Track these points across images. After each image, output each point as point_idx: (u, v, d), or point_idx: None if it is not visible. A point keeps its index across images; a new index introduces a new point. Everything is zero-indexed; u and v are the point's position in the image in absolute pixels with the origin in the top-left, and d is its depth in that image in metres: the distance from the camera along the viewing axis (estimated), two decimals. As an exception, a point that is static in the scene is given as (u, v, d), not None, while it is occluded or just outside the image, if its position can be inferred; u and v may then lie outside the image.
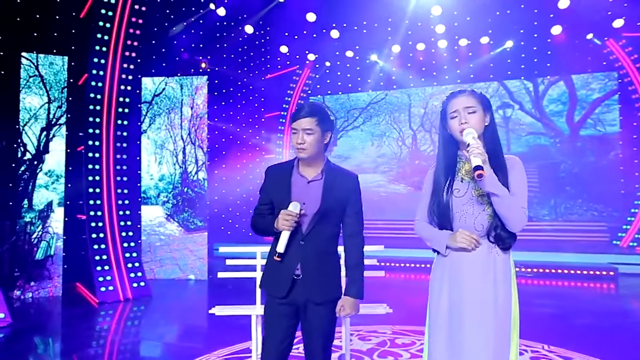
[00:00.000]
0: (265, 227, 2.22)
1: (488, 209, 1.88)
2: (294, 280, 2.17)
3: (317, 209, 2.17)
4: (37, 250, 5.83)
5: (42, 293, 5.84)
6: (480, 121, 1.93)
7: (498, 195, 1.81)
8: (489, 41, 9.86)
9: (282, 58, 10.69)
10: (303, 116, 2.14)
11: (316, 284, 2.16)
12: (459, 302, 1.86)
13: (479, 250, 1.87)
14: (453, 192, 1.93)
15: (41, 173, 5.91)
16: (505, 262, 1.89)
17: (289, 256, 2.17)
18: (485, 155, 1.79)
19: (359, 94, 11.00)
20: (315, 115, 2.15)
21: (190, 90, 7.23)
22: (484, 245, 1.88)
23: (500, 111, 9.72)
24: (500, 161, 1.92)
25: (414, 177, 10.13)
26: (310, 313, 2.18)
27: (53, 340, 4.54)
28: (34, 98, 5.89)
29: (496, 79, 9.90)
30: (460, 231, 1.88)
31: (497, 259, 1.87)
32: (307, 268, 2.16)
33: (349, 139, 10.84)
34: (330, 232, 2.22)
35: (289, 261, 2.17)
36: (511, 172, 1.91)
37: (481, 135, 1.95)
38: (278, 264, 2.21)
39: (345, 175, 2.28)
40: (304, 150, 2.15)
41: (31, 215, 5.82)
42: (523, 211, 1.85)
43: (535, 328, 4.61)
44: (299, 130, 2.14)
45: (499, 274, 1.86)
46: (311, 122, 2.14)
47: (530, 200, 9.29)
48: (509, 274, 1.88)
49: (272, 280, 2.22)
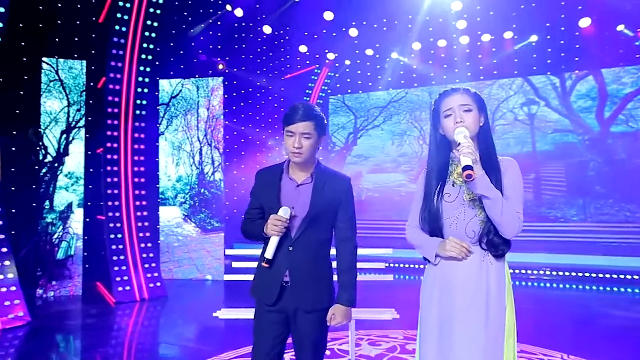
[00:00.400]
0: (255, 231, 2.16)
1: (480, 214, 1.77)
2: (283, 287, 2.11)
3: (305, 214, 2.11)
4: (58, 250, 5.98)
5: (63, 292, 5.99)
6: (475, 121, 1.82)
7: (489, 198, 1.70)
8: (513, 36, 9.54)
9: (302, 58, 10.66)
10: (301, 119, 2.06)
11: (306, 291, 2.10)
12: (449, 314, 1.76)
13: (471, 259, 1.77)
14: (444, 197, 1.83)
15: (61, 175, 6.06)
16: (499, 271, 1.77)
17: (277, 262, 2.11)
18: (476, 155, 1.68)
19: (379, 92, 10.85)
20: (313, 119, 2.08)
21: (206, 91, 7.28)
22: (475, 253, 1.77)
23: (525, 108, 9.39)
24: (493, 163, 1.81)
25: (436, 176, 9.90)
26: (300, 321, 2.11)
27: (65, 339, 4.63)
28: (54, 102, 6.05)
29: (520, 75, 9.56)
30: (450, 239, 1.78)
31: (489, 268, 1.76)
32: (296, 275, 2.10)
33: (369, 138, 10.71)
34: (320, 237, 2.14)
35: (277, 267, 2.11)
36: (505, 175, 1.80)
37: (475, 136, 1.84)
38: (267, 270, 2.15)
39: (336, 179, 2.20)
40: (300, 155, 2.07)
41: (52, 216, 5.98)
42: (517, 216, 1.73)
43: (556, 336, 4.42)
44: (295, 134, 2.06)
45: (492, 283, 1.75)
46: (309, 126, 2.06)
47: (557, 200, 8.95)
48: (503, 283, 1.77)
49: (261, 287, 2.17)
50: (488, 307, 1.72)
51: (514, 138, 9.34)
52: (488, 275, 1.75)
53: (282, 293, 2.11)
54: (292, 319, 2.13)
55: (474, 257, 1.76)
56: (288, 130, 2.07)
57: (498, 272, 1.77)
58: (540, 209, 8.99)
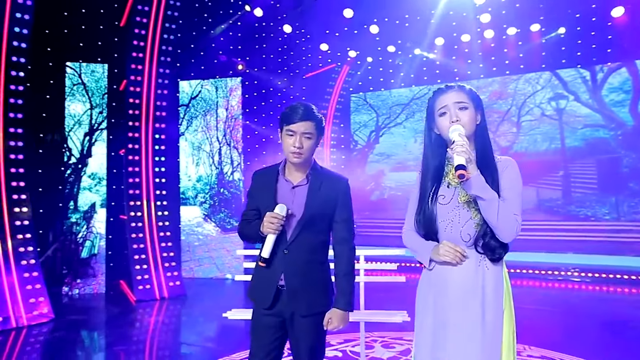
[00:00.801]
0: (251, 232, 2.13)
1: (475, 216, 1.68)
2: (279, 291, 2.08)
3: (301, 216, 2.07)
4: (82, 250, 6.16)
5: (87, 290, 6.17)
6: (471, 119, 1.74)
7: (484, 199, 1.61)
8: (540, 28, 9.22)
9: (324, 56, 10.61)
10: (302, 119, 2.02)
11: (302, 295, 2.06)
12: (443, 321, 1.69)
13: (466, 264, 1.68)
14: (438, 199, 1.76)
15: (85, 176, 6.23)
16: (496, 276, 1.68)
17: (273, 265, 2.08)
18: (470, 154, 1.60)
19: (401, 89, 10.69)
20: (314, 119, 2.04)
21: (225, 92, 7.34)
22: (471, 258, 1.69)
23: (553, 103, 9.05)
24: (490, 163, 1.72)
25: (460, 174, 9.68)
26: (296, 325, 2.08)
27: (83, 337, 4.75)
28: (77, 105, 6.22)
29: (548, 69, 9.22)
30: (444, 243, 1.70)
31: (486, 273, 1.68)
32: (291, 278, 2.06)
33: (391, 136, 10.57)
34: (316, 240, 2.10)
35: (272, 271, 2.08)
36: (503, 175, 1.71)
37: (472, 135, 1.76)
38: (263, 273, 2.13)
39: (332, 180, 2.15)
40: (300, 155, 2.03)
41: (76, 216, 6.16)
42: (514, 218, 1.64)
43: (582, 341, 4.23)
44: (296, 134, 2.01)
45: (489, 289, 1.66)
46: (311, 126, 2.03)
47: (588, 198, 8.59)
48: (501, 289, 1.68)
49: (257, 290, 2.15)
50: (484, 314, 1.64)
51: (542, 134, 9.03)
52: (484, 281, 1.66)
53: (278, 297, 2.08)
54: (289, 323, 2.09)
55: (469, 262, 1.68)
56: (288, 130, 2.03)
57: (495, 276, 1.68)
58: (569, 207, 8.66)
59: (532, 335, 4.27)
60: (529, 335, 4.28)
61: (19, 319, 4.77)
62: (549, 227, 8.65)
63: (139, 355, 4.12)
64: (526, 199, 8.98)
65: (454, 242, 1.70)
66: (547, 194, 8.84)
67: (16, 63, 5.50)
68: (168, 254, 6.35)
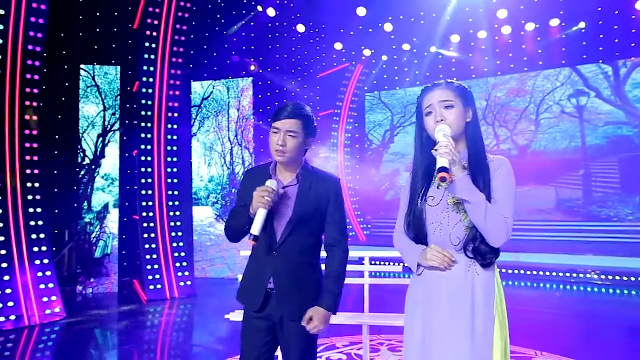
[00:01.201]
0: (239, 219, 2.00)
1: (465, 219, 1.61)
2: (268, 294, 2.04)
3: (290, 217, 2.02)
4: (96, 249, 6.25)
5: (100, 289, 6.26)
6: (459, 117, 1.66)
7: (470, 202, 1.54)
8: (560, 23, 8.96)
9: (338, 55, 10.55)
10: (288, 116, 1.98)
11: (291, 298, 2.01)
12: (431, 329, 1.62)
13: (455, 269, 1.61)
14: (427, 201, 1.69)
15: (98, 177, 6.32)
16: (487, 281, 1.60)
17: (261, 268, 2.04)
18: (455, 155, 1.52)
19: (416, 87, 10.54)
20: (301, 117, 1.99)
21: (236, 92, 7.36)
22: (460, 262, 1.61)
23: (573, 99, 8.78)
24: (481, 162, 1.65)
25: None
26: (286, 329, 2.03)
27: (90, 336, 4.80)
28: (91, 106, 6.32)
29: (568, 65, 8.96)
30: (431, 247, 1.63)
31: (475, 279, 1.60)
32: (280, 281, 2.01)
33: (406, 135, 10.44)
34: (306, 242, 2.05)
35: (261, 273, 2.04)
36: (495, 175, 1.62)
37: (462, 133, 1.69)
38: (252, 275, 2.09)
39: (323, 179, 2.10)
40: (283, 154, 1.99)
41: (90, 216, 6.26)
42: (504, 221, 1.55)
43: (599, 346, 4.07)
44: (280, 131, 1.98)
45: (478, 295, 1.58)
46: (296, 124, 1.98)
47: (610, 197, 8.31)
48: (492, 295, 1.59)
49: (246, 292, 2.11)
50: (474, 321, 1.56)
51: (561, 132, 8.78)
52: (474, 287, 1.58)
53: (267, 300, 2.04)
54: (279, 326, 2.05)
55: (458, 267, 1.60)
56: (274, 127, 1.99)
57: (486, 282, 1.60)
58: (590, 207, 8.40)
59: (545, 341, 4.13)
60: (542, 340, 4.15)
61: (31, 318, 4.86)
62: (569, 227, 8.41)
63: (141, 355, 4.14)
64: (545, 198, 8.76)
65: (443, 245, 1.63)
66: (567, 194, 8.59)
67: (31, 66, 5.61)
68: (179, 254, 6.39)
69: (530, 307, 5.54)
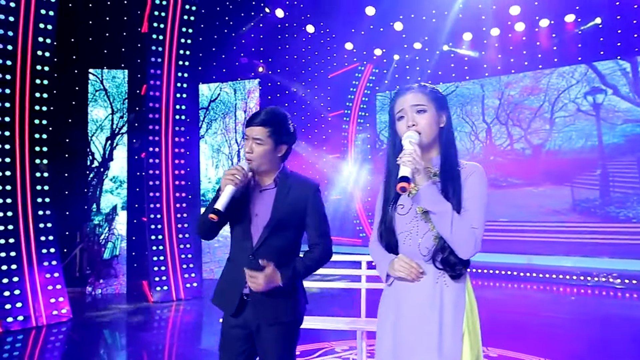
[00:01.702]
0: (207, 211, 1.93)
1: (434, 228, 1.54)
2: (245, 300, 2.01)
3: (268, 220, 2.00)
4: (105, 251, 6.34)
5: (109, 290, 6.35)
6: (431, 122, 1.60)
7: (435, 212, 1.48)
8: (575, 19, 8.72)
9: (349, 55, 10.50)
10: (256, 124, 1.98)
11: (267, 303, 1.98)
12: (400, 342, 1.56)
13: (424, 280, 1.55)
14: (397, 209, 1.63)
15: (107, 179, 6.41)
16: (457, 294, 1.54)
17: (237, 272, 2.02)
18: (418, 164, 1.46)
19: (428, 87, 10.40)
20: (269, 125, 1.97)
21: (243, 94, 7.37)
22: (429, 274, 1.55)
23: (590, 97, 8.53)
24: (453, 170, 1.58)
25: (489, 174, 9.27)
26: (263, 335, 2.00)
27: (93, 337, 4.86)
28: (99, 110, 6.41)
29: (584, 61, 8.70)
30: (399, 257, 1.58)
31: (444, 291, 1.53)
32: (256, 286, 1.99)
33: (418, 135, 10.31)
34: (284, 246, 2.02)
35: (237, 277, 2.01)
36: (466, 183, 1.56)
37: (435, 138, 1.63)
38: (229, 278, 2.07)
39: (301, 184, 2.07)
40: (250, 160, 1.99)
41: (99, 218, 6.35)
42: (472, 232, 1.48)
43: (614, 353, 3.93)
44: (249, 138, 1.98)
45: (447, 309, 1.51)
46: (263, 132, 1.96)
47: (629, 198, 8.04)
48: (461, 309, 1.53)
49: (221, 296, 2.09)
50: (442, 337, 1.49)
51: (577, 131, 8.53)
52: (442, 300, 1.52)
53: (244, 306, 2.02)
54: (256, 334, 2.03)
55: (427, 278, 1.55)
56: (244, 133, 2.01)
57: (455, 295, 1.53)
58: (608, 208, 8.14)
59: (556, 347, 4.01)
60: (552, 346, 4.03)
61: (38, 318, 4.95)
62: (585, 229, 8.17)
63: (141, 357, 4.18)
64: (561, 199, 8.53)
65: (413, 255, 1.58)
66: (583, 194, 8.35)
67: (41, 72, 5.71)
68: (186, 256, 6.43)
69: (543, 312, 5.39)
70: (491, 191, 9.35)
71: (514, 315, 5.29)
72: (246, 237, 2.03)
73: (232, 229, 2.11)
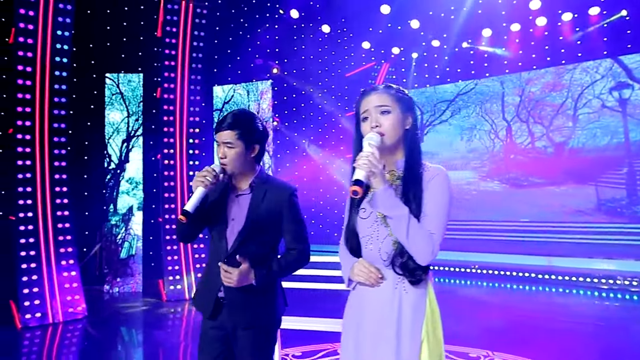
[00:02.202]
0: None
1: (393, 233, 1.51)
2: (221, 303, 2.03)
3: (242, 226, 2.01)
4: (121, 250, 6.51)
5: (126, 288, 6.51)
6: (395, 124, 1.57)
7: (391, 217, 1.45)
8: (600, 11, 8.39)
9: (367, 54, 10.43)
10: (224, 128, 2.00)
11: (242, 307, 1.99)
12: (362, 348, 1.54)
13: (384, 286, 1.52)
14: (359, 212, 1.61)
15: (123, 180, 6.58)
16: (416, 300, 1.50)
17: (213, 275, 2.04)
18: (374, 167, 1.43)
19: (446, 85, 10.21)
20: (237, 128, 1.99)
21: (256, 95, 7.42)
22: (389, 279, 1.52)
23: (615, 93, 8.18)
24: (415, 173, 1.54)
25: (510, 173, 9.07)
26: (239, 339, 2.02)
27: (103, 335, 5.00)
28: (116, 113, 6.58)
29: (610, 56, 8.36)
30: (360, 262, 1.55)
31: (403, 297, 1.50)
32: (231, 290, 2.00)
33: (436, 134, 10.14)
34: (260, 251, 2.03)
35: (213, 280, 2.04)
36: (428, 186, 1.52)
37: (399, 140, 1.59)
38: (206, 279, 2.10)
39: (277, 189, 2.07)
40: (225, 165, 2.01)
41: (116, 218, 6.52)
42: (430, 237, 1.44)
43: None
44: (220, 143, 2.01)
45: (406, 315, 1.48)
46: (231, 135, 1.98)
47: (657, 197, 7.68)
48: (420, 316, 1.48)
49: (199, 298, 2.12)
50: (399, 345, 1.46)
51: (601, 128, 8.21)
52: (401, 306, 1.49)
53: (221, 309, 2.04)
54: (232, 336, 2.04)
55: (386, 284, 1.51)
56: (215, 139, 2.02)
57: (415, 301, 1.49)
58: (635, 208, 7.80)
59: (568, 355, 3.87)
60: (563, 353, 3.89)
61: (55, 315, 5.12)
62: (610, 230, 7.84)
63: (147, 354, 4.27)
64: (584, 198, 8.22)
65: (374, 260, 1.55)
66: (609, 194, 8.02)
67: (59, 77, 5.91)
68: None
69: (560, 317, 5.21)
70: (512, 190, 9.14)
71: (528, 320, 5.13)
72: (222, 240, 2.05)
73: (210, 232, 2.13)
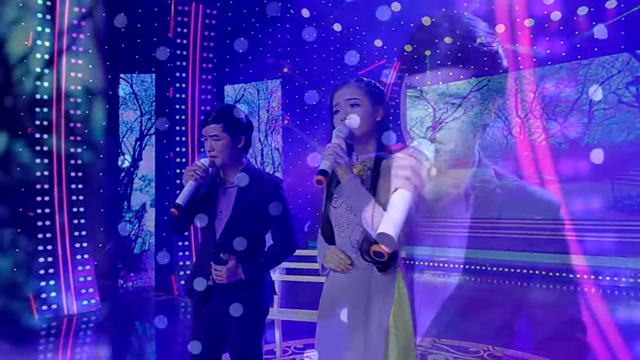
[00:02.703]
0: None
1: (362, 221, 1.56)
2: (210, 291, 2.12)
3: (229, 217, 2.09)
4: (135, 245, 6.70)
5: (139, 283, 6.71)
6: (364, 116, 1.62)
7: (357, 206, 1.50)
8: (617, 4, 8.22)
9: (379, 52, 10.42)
10: (209, 122, 2.10)
11: (232, 296, 2.07)
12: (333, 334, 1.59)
13: (354, 273, 1.57)
14: (332, 202, 1.66)
15: (136, 178, 6.76)
16: (385, 288, 1.54)
17: (203, 264, 2.13)
18: (339, 158, 1.48)
19: (459, 82, 10.12)
20: (222, 121, 2.08)
21: (266, 94, 7.53)
22: (359, 267, 1.57)
23: (632, 88, 7.99)
24: (383, 164, 1.59)
25: (523, 170, 8.94)
26: (228, 326, 2.10)
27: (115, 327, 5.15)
28: (129, 113, 6.77)
29: (627, 50, 8.17)
30: (332, 249, 1.61)
31: (372, 285, 1.54)
32: (220, 280, 2.08)
33: (449, 132, 10.05)
34: (246, 243, 2.10)
35: (203, 269, 2.13)
36: None
37: (371, 132, 1.64)
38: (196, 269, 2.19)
39: (263, 182, 2.14)
40: (214, 158, 2.10)
41: (129, 215, 6.71)
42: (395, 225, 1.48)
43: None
44: (207, 138, 2.09)
45: (374, 304, 1.52)
46: (217, 129, 2.08)
47: (676, 195, 7.48)
48: (388, 304, 1.52)
49: (190, 286, 2.20)
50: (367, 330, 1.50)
51: (618, 124, 8.03)
52: (369, 294, 1.53)
53: (211, 296, 2.12)
54: (222, 324, 2.12)
55: (356, 270, 1.57)
56: (202, 134, 2.10)
57: (383, 289, 1.54)
58: (653, 206, 7.62)
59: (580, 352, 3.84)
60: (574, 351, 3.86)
61: (70, 308, 5.32)
62: (627, 227, 7.68)
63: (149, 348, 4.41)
64: (600, 196, 8.06)
65: (346, 248, 1.60)
66: (625, 190, 7.84)
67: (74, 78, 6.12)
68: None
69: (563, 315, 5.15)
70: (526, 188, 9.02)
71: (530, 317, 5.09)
72: (211, 232, 2.13)
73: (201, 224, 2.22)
